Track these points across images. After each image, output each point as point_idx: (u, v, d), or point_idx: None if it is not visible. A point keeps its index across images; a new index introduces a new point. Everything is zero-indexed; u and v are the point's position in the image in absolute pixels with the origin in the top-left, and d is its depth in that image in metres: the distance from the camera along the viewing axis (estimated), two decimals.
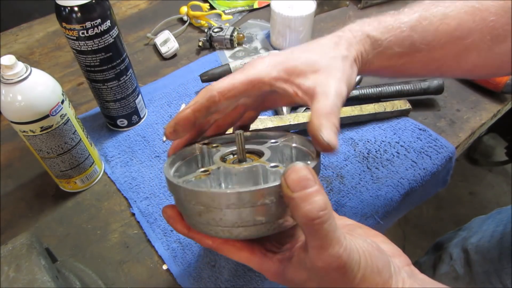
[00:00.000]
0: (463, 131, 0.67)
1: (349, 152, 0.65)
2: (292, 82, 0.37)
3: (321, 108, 0.35)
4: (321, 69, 0.37)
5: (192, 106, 0.38)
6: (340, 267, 0.29)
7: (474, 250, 0.68)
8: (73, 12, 0.53)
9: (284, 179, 0.30)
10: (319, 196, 0.29)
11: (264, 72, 0.37)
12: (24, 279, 0.38)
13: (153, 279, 0.52)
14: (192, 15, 0.93)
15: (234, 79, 0.37)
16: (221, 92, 0.37)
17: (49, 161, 0.56)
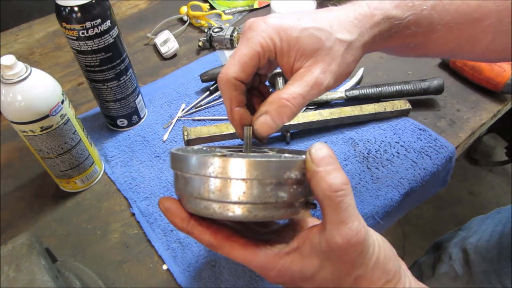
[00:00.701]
0: (463, 131, 0.67)
1: (349, 152, 0.65)
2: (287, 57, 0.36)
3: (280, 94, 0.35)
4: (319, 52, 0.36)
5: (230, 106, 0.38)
6: (359, 243, 0.29)
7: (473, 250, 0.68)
8: (73, 12, 0.53)
9: (310, 154, 0.30)
10: (341, 172, 0.30)
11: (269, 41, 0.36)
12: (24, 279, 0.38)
13: (153, 279, 0.52)
14: (192, 15, 0.93)
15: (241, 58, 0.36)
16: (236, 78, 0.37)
17: (49, 161, 0.56)
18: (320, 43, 0.35)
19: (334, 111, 0.67)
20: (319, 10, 0.38)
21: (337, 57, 0.36)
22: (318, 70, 0.36)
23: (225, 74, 0.37)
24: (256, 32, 0.36)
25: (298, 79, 0.36)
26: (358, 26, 0.37)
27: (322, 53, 0.36)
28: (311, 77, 0.35)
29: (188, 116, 0.73)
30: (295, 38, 0.35)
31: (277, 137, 0.68)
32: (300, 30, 0.35)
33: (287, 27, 0.36)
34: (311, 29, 0.35)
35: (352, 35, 0.37)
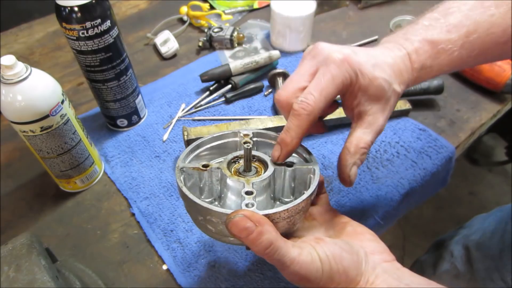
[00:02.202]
0: (463, 131, 0.67)
1: None
2: (356, 96, 0.40)
3: (361, 141, 0.40)
4: (383, 99, 0.40)
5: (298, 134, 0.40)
6: (302, 279, 0.34)
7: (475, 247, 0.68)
8: (73, 12, 0.53)
9: (229, 229, 0.34)
10: (263, 237, 0.33)
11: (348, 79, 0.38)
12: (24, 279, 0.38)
13: (153, 279, 0.52)
14: (192, 15, 0.93)
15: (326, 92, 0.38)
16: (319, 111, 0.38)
17: (49, 161, 0.56)
18: (383, 93, 0.39)
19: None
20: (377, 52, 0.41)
21: (392, 106, 0.41)
22: (382, 119, 0.40)
23: (311, 105, 0.38)
24: (341, 70, 0.38)
25: (367, 127, 0.40)
26: (404, 78, 0.41)
27: (383, 101, 0.40)
28: (377, 125, 0.40)
29: (188, 116, 0.73)
30: (366, 85, 0.39)
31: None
32: (372, 78, 0.39)
33: (363, 71, 0.39)
34: (380, 79, 0.39)
35: (400, 86, 0.41)
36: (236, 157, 0.43)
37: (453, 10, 0.43)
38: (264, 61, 0.76)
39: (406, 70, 0.41)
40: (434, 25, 0.42)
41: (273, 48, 0.86)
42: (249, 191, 0.38)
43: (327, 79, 0.38)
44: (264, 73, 0.78)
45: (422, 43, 0.41)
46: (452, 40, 0.41)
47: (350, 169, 0.40)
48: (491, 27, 0.42)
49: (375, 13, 0.96)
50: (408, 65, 0.41)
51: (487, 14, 0.42)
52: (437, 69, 0.43)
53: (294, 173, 0.42)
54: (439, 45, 0.41)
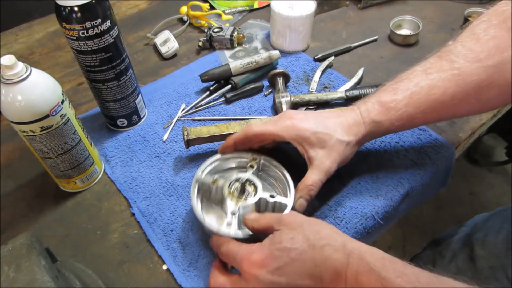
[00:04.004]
0: (463, 131, 0.67)
1: None
2: (303, 147, 0.53)
3: (309, 180, 0.51)
4: (326, 147, 0.51)
5: (234, 138, 0.57)
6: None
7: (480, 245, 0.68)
8: (73, 12, 0.53)
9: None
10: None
11: (286, 132, 0.53)
12: (24, 279, 0.38)
13: (153, 279, 0.52)
14: (192, 15, 0.93)
15: (266, 129, 0.54)
16: (255, 135, 0.55)
17: (49, 161, 0.56)
18: (325, 142, 0.51)
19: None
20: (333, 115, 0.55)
21: (338, 152, 0.52)
22: (328, 161, 0.51)
23: (252, 128, 0.55)
24: (281, 123, 0.54)
25: (315, 169, 0.51)
26: (353, 131, 0.53)
27: (327, 148, 0.51)
28: (323, 166, 0.51)
29: (188, 116, 0.73)
30: (307, 137, 0.52)
31: None
32: (311, 132, 0.52)
33: (303, 129, 0.52)
34: (319, 133, 0.52)
35: (349, 137, 0.52)
36: (239, 178, 0.55)
37: (403, 78, 0.54)
38: (264, 61, 0.76)
39: (356, 125, 0.53)
40: (386, 89, 0.54)
41: (273, 48, 0.86)
42: (233, 211, 0.51)
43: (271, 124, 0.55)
44: (264, 73, 0.78)
45: (374, 103, 0.53)
46: (397, 100, 0.52)
47: (296, 201, 0.51)
48: (431, 89, 0.51)
49: (375, 13, 0.96)
50: (359, 121, 0.53)
51: (429, 78, 0.51)
52: (388, 124, 0.53)
53: (274, 204, 0.53)
54: (388, 104, 0.52)
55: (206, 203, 0.57)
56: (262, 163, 0.59)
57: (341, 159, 0.52)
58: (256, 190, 0.54)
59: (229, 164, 0.60)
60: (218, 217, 0.56)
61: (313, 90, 0.75)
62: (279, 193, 0.58)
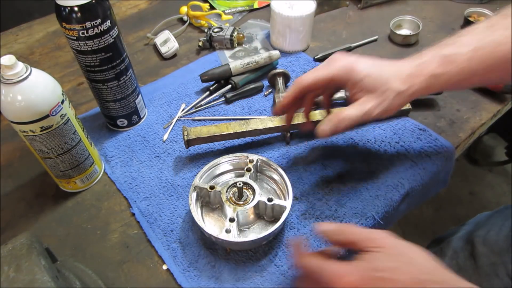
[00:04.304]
0: (463, 131, 0.67)
1: (349, 152, 0.65)
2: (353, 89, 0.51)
3: (342, 112, 0.49)
4: (376, 92, 0.49)
5: (288, 96, 0.54)
6: None
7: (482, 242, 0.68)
8: (73, 12, 0.53)
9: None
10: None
11: (340, 74, 0.50)
12: (24, 279, 0.38)
13: (153, 279, 0.52)
14: (192, 15, 0.93)
15: (318, 75, 0.51)
16: (308, 86, 0.52)
17: (49, 161, 0.56)
18: (377, 87, 0.49)
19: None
20: (388, 62, 0.52)
21: (387, 99, 0.49)
22: (371, 104, 0.49)
23: (302, 79, 0.52)
24: (334, 65, 0.51)
25: (356, 105, 0.50)
26: (409, 81, 0.49)
27: (377, 93, 0.49)
28: (365, 106, 0.49)
29: (188, 116, 0.73)
30: (360, 79, 0.49)
31: (277, 137, 0.68)
32: (365, 75, 0.49)
33: (357, 70, 0.50)
34: (373, 76, 0.49)
35: (403, 86, 0.49)
36: (236, 182, 0.55)
37: (465, 33, 0.51)
38: (264, 61, 0.76)
39: (413, 76, 0.49)
40: (447, 43, 0.51)
41: (273, 48, 0.86)
42: (231, 218, 0.52)
43: (321, 69, 0.52)
44: (264, 73, 0.78)
45: (434, 56, 0.50)
46: (460, 53, 0.49)
47: (321, 124, 0.50)
48: (498, 46, 0.48)
49: (375, 13, 0.96)
50: (416, 72, 0.49)
51: (495, 35, 0.49)
52: (446, 78, 0.49)
53: (273, 206, 0.53)
54: (449, 57, 0.49)
55: (206, 207, 0.57)
56: (259, 164, 0.59)
57: (389, 108, 0.49)
58: (254, 194, 0.54)
59: (227, 167, 0.60)
60: (218, 220, 0.56)
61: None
62: (278, 194, 0.58)
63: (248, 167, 0.57)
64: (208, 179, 0.58)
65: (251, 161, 0.58)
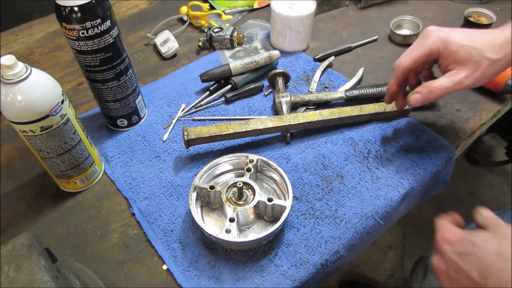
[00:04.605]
0: (463, 131, 0.67)
1: (349, 152, 0.65)
2: (446, 60, 0.53)
3: (433, 82, 0.52)
4: (470, 63, 0.51)
5: (394, 83, 0.58)
6: None
7: None
8: (73, 12, 0.53)
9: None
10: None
11: (435, 47, 0.53)
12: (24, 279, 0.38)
13: (153, 279, 0.52)
14: (192, 15, 0.93)
15: (416, 56, 0.55)
16: (407, 69, 0.56)
17: (49, 161, 0.56)
18: (470, 57, 0.51)
19: (334, 111, 0.67)
20: (480, 31, 0.53)
21: (481, 69, 0.51)
22: (463, 74, 0.51)
23: (401, 63, 0.56)
24: (429, 40, 0.53)
25: (447, 76, 0.52)
26: (504, 49, 0.50)
27: (470, 63, 0.51)
28: (456, 77, 0.51)
29: (188, 116, 0.73)
30: (454, 50, 0.52)
31: (278, 137, 0.68)
32: (459, 45, 0.51)
33: (451, 41, 0.52)
34: (466, 46, 0.51)
35: (498, 55, 0.50)
36: (236, 182, 0.55)
37: None
38: (264, 61, 0.76)
39: (508, 43, 0.50)
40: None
41: (273, 48, 0.86)
42: (231, 218, 0.52)
43: (416, 47, 0.55)
44: (264, 73, 0.78)
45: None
46: None
47: (413, 93, 0.55)
48: None
49: (375, 13, 0.96)
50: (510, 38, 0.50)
51: None
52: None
53: (273, 206, 0.53)
54: None
55: (206, 207, 0.57)
56: (259, 164, 0.59)
57: (481, 77, 0.52)
58: (254, 194, 0.54)
59: (227, 167, 0.60)
60: (218, 220, 0.56)
61: (313, 90, 0.75)
62: (278, 194, 0.58)
63: (248, 167, 0.57)
64: (208, 179, 0.58)
65: (251, 161, 0.58)
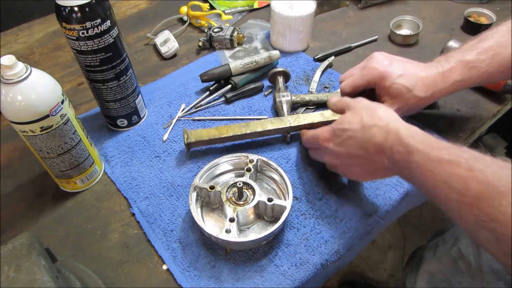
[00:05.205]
0: (463, 131, 0.67)
1: None
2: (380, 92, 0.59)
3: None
4: (399, 98, 0.57)
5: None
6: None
7: None
8: (73, 12, 0.53)
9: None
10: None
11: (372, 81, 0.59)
12: (24, 279, 0.38)
13: (153, 279, 0.52)
14: (192, 15, 0.93)
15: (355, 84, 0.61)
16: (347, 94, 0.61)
17: (49, 161, 0.56)
18: (401, 93, 0.57)
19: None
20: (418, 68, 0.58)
21: (408, 104, 0.57)
22: (394, 107, 0.57)
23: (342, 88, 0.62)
24: (369, 73, 0.59)
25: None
26: (432, 88, 0.57)
27: (399, 100, 0.57)
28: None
29: (188, 116, 0.73)
30: (388, 86, 0.57)
31: (278, 137, 0.68)
32: (392, 83, 0.57)
33: (386, 77, 0.57)
34: (398, 84, 0.57)
35: (426, 93, 0.57)
36: (236, 182, 0.55)
37: (487, 38, 0.57)
38: (264, 61, 0.76)
39: (437, 83, 0.57)
40: (470, 49, 0.57)
41: (273, 48, 0.86)
42: (231, 218, 0.52)
43: (358, 78, 0.61)
44: (264, 73, 0.78)
45: (457, 63, 0.57)
46: (481, 59, 0.56)
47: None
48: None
49: (375, 13, 0.96)
50: (441, 80, 0.57)
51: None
52: (468, 83, 0.57)
53: (273, 206, 0.53)
54: (471, 63, 0.56)
55: (206, 207, 0.57)
56: (259, 164, 0.59)
57: (408, 111, 0.58)
58: (254, 194, 0.54)
59: (227, 167, 0.60)
60: (218, 220, 0.56)
61: (313, 90, 0.75)
62: (278, 194, 0.58)
63: (248, 167, 0.57)
64: (208, 179, 0.58)
65: (251, 161, 0.58)
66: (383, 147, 0.47)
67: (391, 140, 0.47)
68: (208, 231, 0.50)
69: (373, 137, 0.48)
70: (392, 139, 0.47)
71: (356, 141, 0.50)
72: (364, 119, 0.50)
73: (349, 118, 0.51)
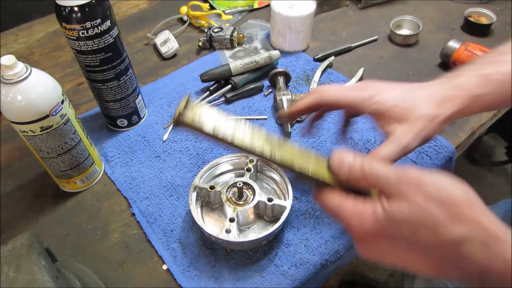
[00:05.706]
0: (463, 131, 0.67)
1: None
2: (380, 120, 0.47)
3: (379, 151, 0.44)
4: (408, 121, 0.44)
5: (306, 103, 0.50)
6: None
7: None
8: (73, 12, 0.53)
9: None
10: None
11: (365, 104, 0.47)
12: (24, 279, 0.38)
13: (153, 279, 0.52)
14: (192, 15, 0.93)
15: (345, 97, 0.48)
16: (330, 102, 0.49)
17: (49, 161, 0.56)
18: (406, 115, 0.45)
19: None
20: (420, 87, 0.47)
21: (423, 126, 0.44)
22: (409, 136, 0.44)
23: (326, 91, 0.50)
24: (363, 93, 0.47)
25: (391, 142, 0.44)
26: (445, 105, 0.45)
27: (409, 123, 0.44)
28: (401, 141, 0.44)
29: None
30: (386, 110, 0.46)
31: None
32: (392, 105, 0.46)
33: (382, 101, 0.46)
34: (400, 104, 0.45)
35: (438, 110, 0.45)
36: (236, 182, 0.55)
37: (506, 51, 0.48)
38: (264, 61, 0.76)
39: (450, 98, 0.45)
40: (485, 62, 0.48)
41: (273, 48, 0.86)
42: (231, 218, 0.52)
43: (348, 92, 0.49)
44: (264, 73, 0.78)
45: (472, 76, 0.46)
46: (502, 72, 0.46)
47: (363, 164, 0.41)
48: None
49: (375, 13, 0.96)
50: (455, 94, 0.45)
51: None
52: (487, 99, 0.46)
53: (273, 206, 0.53)
54: (490, 76, 0.46)
55: (206, 207, 0.57)
56: (259, 164, 0.59)
57: (426, 135, 0.45)
58: (254, 194, 0.54)
59: (227, 167, 0.60)
60: (218, 220, 0.56)
61: (313, 90, 0.75)
62: (278, 194, 0.58)
63: (248, 167, 0.57)
64: (208, 179, 0.58)
65: (251, 161, 0.58)
66: (488, 271, 0.30)
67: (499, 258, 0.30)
68: (208, 231, 0.50)
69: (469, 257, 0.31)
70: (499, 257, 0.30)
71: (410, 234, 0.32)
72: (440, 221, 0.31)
73: (399, 206, 0.33)
